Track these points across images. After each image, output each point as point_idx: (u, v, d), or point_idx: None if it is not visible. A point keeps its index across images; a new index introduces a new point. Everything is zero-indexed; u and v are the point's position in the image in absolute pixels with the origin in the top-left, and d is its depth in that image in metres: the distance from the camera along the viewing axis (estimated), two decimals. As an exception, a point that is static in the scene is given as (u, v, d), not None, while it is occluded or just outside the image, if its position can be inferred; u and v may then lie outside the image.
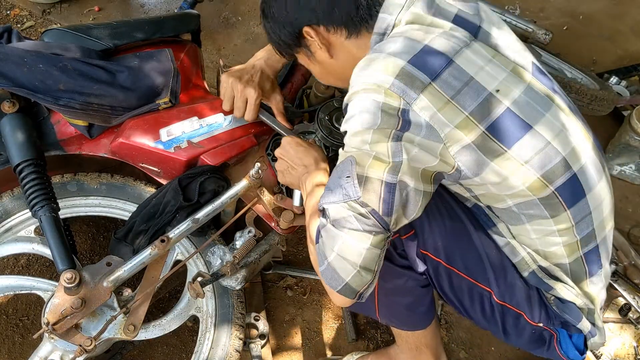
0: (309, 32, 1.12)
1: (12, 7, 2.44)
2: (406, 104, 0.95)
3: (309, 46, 1.16)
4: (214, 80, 1.80)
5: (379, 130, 0.97)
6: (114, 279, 1.35)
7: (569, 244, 1.10)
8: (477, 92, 0.97)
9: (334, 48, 1.14)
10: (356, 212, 0.99)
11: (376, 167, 0.99)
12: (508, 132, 0.98)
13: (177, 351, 1.67)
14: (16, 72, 1.31)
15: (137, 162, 1.47)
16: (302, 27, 1.12)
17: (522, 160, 0.99)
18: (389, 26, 1.08)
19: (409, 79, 0.95)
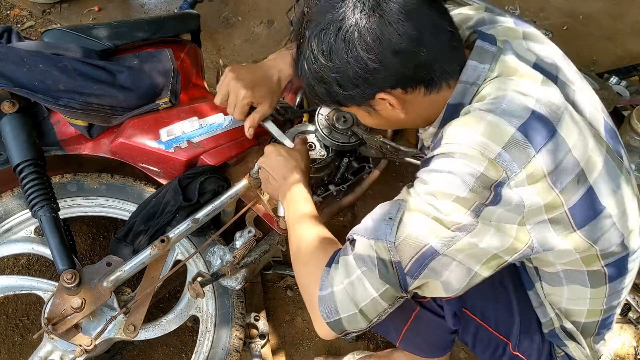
0: (383, 97, 0.97)
1: (12, 7, 2.44)
2: (505, 178, 0.87)
3: (375, 106, 1.01)
4: (214, 80, 1.80)
5: (462, 199, 0.88)
6: (114, 279, 1.35)
7: (593, 310, 1.10)
8: (571, 169, 0.91)
9: (406, 105, 0.99)
10: (381, 255, 0.93)
11: (432, 228, 0.90)
12: (584, 213, 0.94)
13: (177, 351, 1.67)
14: (16, 72, 1.31)
15: (137, 162, 1.47)
16: (375, 94, 0.97)
17: (588, 239, 0.96)
18: (480, 76, 0.97)
19: (518, 150, 0.87)
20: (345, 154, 1.54)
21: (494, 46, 0.98)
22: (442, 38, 0.94)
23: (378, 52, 0.91)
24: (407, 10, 0.91)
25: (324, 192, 1.55)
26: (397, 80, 0.95)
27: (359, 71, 0.93)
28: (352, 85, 0.95)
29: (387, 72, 0.93)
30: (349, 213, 1.96)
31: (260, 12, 2.52)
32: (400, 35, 0.90)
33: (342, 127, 1.49)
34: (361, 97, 0.98)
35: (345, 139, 1.49)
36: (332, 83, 0.96)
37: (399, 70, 0.93)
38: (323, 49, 0.94)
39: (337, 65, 0.94)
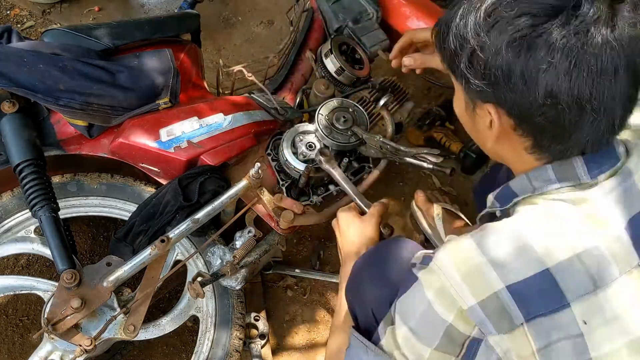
0: (491, 111, 0.82)
1: (12, 7, 2.44)
2: (479, 334, 0.76)
3: (477, 108, 0.85)
4: (214, 80, 1.80)
5: (437, 352, 0.80)
6: (114, 279, 1.35)
7: None
8: (573, 356, 0.73)
9: (503, 138, 0.85)
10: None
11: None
12: None
13: (177, 351, 1.67)
14: (16, 72, 1.30)
15: (137, 162, 1.47)
16: (490, 102, 0.81)
17: None
18: (541, 188, 0.81)
19: (497, 311, 0.73)
20: (345, 154, 1.54)
21: (591, 177, 0.79)
22: (604, 120, 0.76)
23: (535, 77, 0.74)
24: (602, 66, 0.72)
25: (324, 192, 1.55)
26: (520, 116, 0.79)
27: (500, 70, 0.76)
28: (480, 73, 0.79)
29: (523, 98, 0.76)
30: (349, 213, 1.96)
31: (260, 12, 2.52)
32: (570, 83, 0.73)
33: (342, 127, 1.50)
34: (476, 92, 0.82)
35: (345, 139, 1.49)
36: (467, 50, 0.79)
37: (534, 109, 0.76)
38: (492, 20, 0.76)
39: (489, 43, 0.76)
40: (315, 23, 1.76)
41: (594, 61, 0.72)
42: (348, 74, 1.61)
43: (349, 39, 1.68)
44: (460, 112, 0.93)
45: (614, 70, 0.73)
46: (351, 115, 1.52)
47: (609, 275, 0.74)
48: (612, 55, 0.72)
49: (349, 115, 1.51)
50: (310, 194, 1.55)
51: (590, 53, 0.72)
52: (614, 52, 0.72)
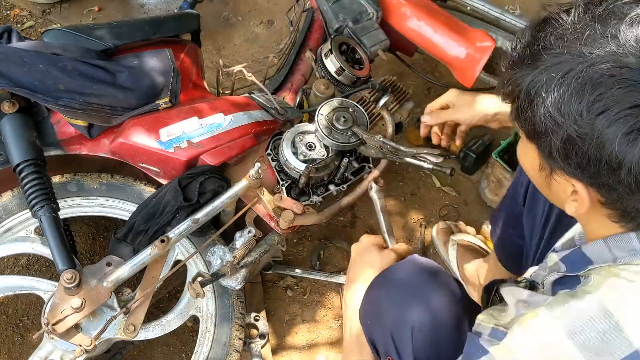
0: (578, 186, 0.73)
1: (12, 7, 2.44)
2: None
3: (553, 175, 0.76)
4: (214, 80, 1.80)
5: None
6: (114, 279, 1.35)
7: None
8: None
9: (589, 213, 0.76)
10: None
11: None
12: None
13: (177, 351, 1.67)
14: (16, 72, 1.30)
15: (137, 162, 1.47)
16: (574, 178, 0.73)
17: None
18: (624, 258, 0.73)
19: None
20: (345, 154, 1.54)
21: None
22: None
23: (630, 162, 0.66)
24: None
25: (324, 192, 1.55)
26: (609, 195, 0.71)
27: (593, 151, 0.67)
28: (574, 164, 0.70)
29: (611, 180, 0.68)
30: (349, 213, 1.96)
31: (260, 12, 2.52)
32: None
33: (342, 127, 1.50)
34: (555, 163, 0.74)
35: (345, 139, 1.49)
36: (565, 130, 0.69)
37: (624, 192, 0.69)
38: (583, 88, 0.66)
39: (603, 135, 0.66)
40: (315, 23, 1.76)
41: None
42: (348, 74, 1.61)
43: (349, 39, 1.68)
44: (531, 169, 0.82)
45: None
46: (351, 115, 1.52)
47: None
48: None
49: (349, 115, 1.51)
50: (310, 194, 1.55)
51: None
52: None
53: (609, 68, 0.65)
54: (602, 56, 0.66)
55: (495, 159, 1.83)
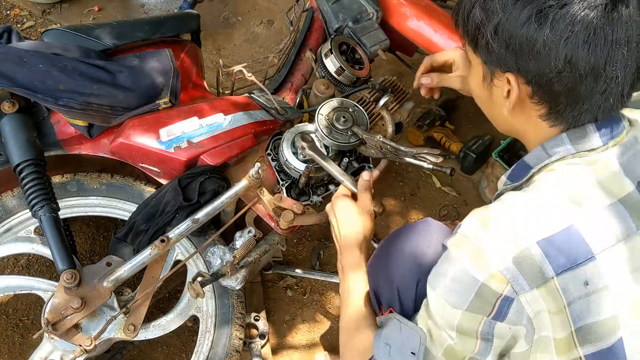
0: (510, 79, 0.87)
1: (12, 7, 2.44)
2: (512, 292, 0.77)
3: (494, 78, 0.90)
4: (214, 80, 1.80)
5: (468, 312, 0.81)
6: (114, 279, 1.35)
7: None
8: (599, 308, 0.77)
9: (518, 108, 0.90)
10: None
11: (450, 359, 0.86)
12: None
13: (177, 351, 1.67)
14: (16, 72, 1.30)
15: (137, 162, 1.47)
16: (509, 71, 0.86)
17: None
18: (558, 154, 0.86)
19: (530, 267, 0.76)
20: (345, 154, 1.54)
21: (602, 143, 0.84)
22: (615, 89, 0.82)
23: (555, 43, 0.79)
24: (626, 36, 0.79)
25: (324, 192, 1.55)
26: (539, 82, 0.83)
27: (525, 40, 0.81)
28: (504, 43, 0.84)
29: (542, 65, 0.81)
30: (349, 213, 1.96)
31: (260, 12, 2.52)
32: (589, 51, 0.78)
33: (342, 127, 1.49)
34: (497, 60, 0.86)
35: (345, 139, 1.49)
36: (492, 20, 0.84)
37: (552, 75, 0.81)
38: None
39: (515, 15, 0.82)
40: (315, 23, 1.76)
41: (610, 32, 0.78)
42: (348, 74, 1.61)
43: (349, 39, 1.68)
44: (477, 86, 0.97)
45: (627, 41, 0.79)
46: (351, 115, 1.52)
47: (629, 228, 0.78)
48: (626, 28, 0.79)
49: (349, 115, 1.51)
50: (310, 194, 1.55)
51: (607, 25, 0.78)
52: (627, 25, 0.79)
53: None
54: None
55: (495, 159, 1.83)
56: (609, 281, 0.77)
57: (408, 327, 0.92)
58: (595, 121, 0.85)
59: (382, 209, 1.26)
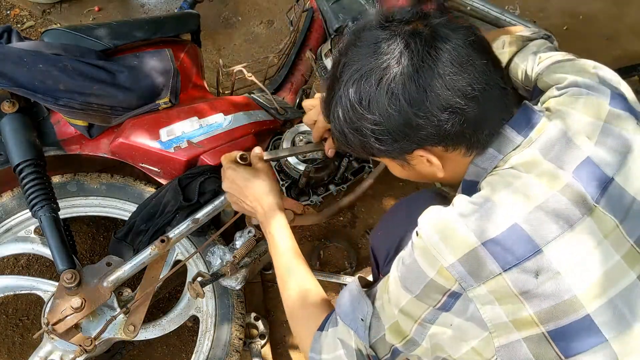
0: (421, 154, 0.91)
1: (12, 7, 2.44)
2: (460, 288, 0.81)
3: (410, 160, 0.94)
4: (214, 80, 1.80)
5: (416, 300, 0.85)
6: (114, 279, 1.35)
7: None
8: (556, 294, 0.79)
9: (445, 163, 0.93)
10: (359, 347, 0.94)
11: (393, 335, 0.90)
12: (574, 341, 0.80)
13: (177, 351, 1.67)
14: (16, 72, 1.30)
15: (137, 162, 1.47)
16: (414, 150, 0.90)
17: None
18: (490, 165, 0.90)
19: (476, 265, 0.80)
20: (345, 153, 1.54)
21: (522, 136, 0.88)
22: (493, 94, 0.87)
23: (423, 106, 0.84)
24: (459, 62, 0.84)
25: (324, 192, 1.55)
26: (440, 138, 0.87)
27: (400, 126, 0.86)
28: (390, 140, 0.88)
29: (432, 128, 0.86)
30: (349, 213, 1.96)
31: (260, 12, 2.52)
32: (449, 90, 0.83)
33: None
34: (398, 152, 0.91)
35: (345, 139, 1.48)
36: (368, 136, 0.89)
37: (444, 127, 0.85)
38: (362, 98, 0.87)
39: (376, 118, 0.87)
40: (315, 23, 1.76)
41: (452, 64, 0.83)
42: (348, 74, 1.61)
43: (349, 39, 1.68)
44: (403, 173, 1.01)
45: (467, 60, 0.84)
46: (351, 115, 1.52)
47: (571, 218, 0.81)
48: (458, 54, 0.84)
49: (349, 115, 1.51)
50: (310, 194, 1.55)
51: (447, 63, 0.84)
52: (456, 51, 0.84)
53: None
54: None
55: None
56: (560, 269, 0.79)
57: (361, 295, 0.96)
58: (506, 124, 0.89)
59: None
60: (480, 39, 0.89)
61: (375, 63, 0.86)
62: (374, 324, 0.93)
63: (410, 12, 0.89)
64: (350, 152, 0.99)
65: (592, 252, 0.81)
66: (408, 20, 0.88)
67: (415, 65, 0.83)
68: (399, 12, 0.89)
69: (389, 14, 0.89)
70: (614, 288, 0.81)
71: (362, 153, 0.97)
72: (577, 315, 0.80)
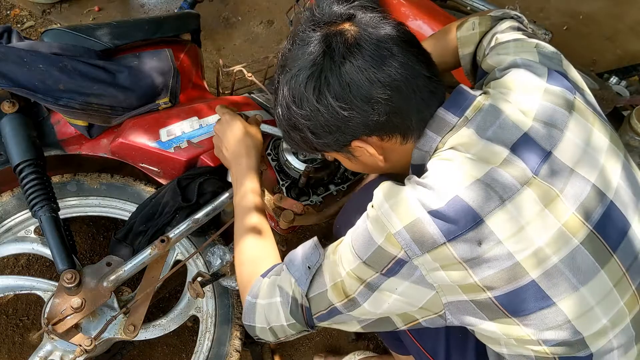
0: (358, 145, 0.96)
1: (12, 7, 2.44)
2: (405, 256, 0.86)
3: (353, 152, 1.00)
4: (214, 80, 1.80)
5: (364, 264, 0.89)
6: (114, 279, 1.35)
7: None
8: (499, 261, 0.83)
9: (386, 151, 0.98)
10: (295, 296, 0.98)
11: (335, 293, 0.94)
12: (521, 304, 0.85)
13: (177, 351, 1.67)
14: (16, 72, 1.31)
15: (137, 162, 1.47)
16: (350, 142, 0.96)
17: (528, 330, 0.87)
18: (432, 147, 0.95)
19: (420, 233, 0.84)
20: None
21: (457, 117, 0.92)
22: (418, 83, 0.92)
23: (348, 99, 0.89)
24: (379, 56, 0.89)
25: (324, 192, 1.55)
26: (371, 128, 0.93)
27: (330, 119, 0.92)
28: (325, 133, 0.95)
29: (359, 119, 0.91)
30: (349, 213, 1.96)
31: (260, 12, 2.52)
32: (371, 83, 0.88)
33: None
34: (336, 144, 0.97)
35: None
36: (305, 130, 0.96)
37: (371, 118, 0.91)
38: (294, 96, 0.93)
39: (307, 113, 0.93)
40: (315, 23, 1.76)
41: (372, 59, 0.89)
42: (348, 74, 1.61)
43: (349, 39, 1.68)
44: (353, 167, 1.07)
45: (389, 54, 0.90)
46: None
47: (511, 189, 0.85)
48: (379, 49, 0.90)
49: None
50: (310, 194, 1.55)
51: (368, 58, 0.89)
52: (377, 48, 0.90)
53: None
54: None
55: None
56: (502, 237, 0.83)
57: (315, 246, 1.01)
58: (440, 107, 0.94)
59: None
60: (404, 33, 0.94)
61: (303, 63, 0.92)
62: (317, 279, 0.96)
63: (338, 13, 0.94)
64: (298, 150, 1.07)
65: (534, 220, 0.84)
66: (334, 21, 0.93)
67: (337, 62, 0.89)
68: (328, 14, 0.95)
69: (318, 16, 0.95)
70: (557, 254, 0.84)
71: (307, 149, 1.03)
72: (523, 281, 0.84)
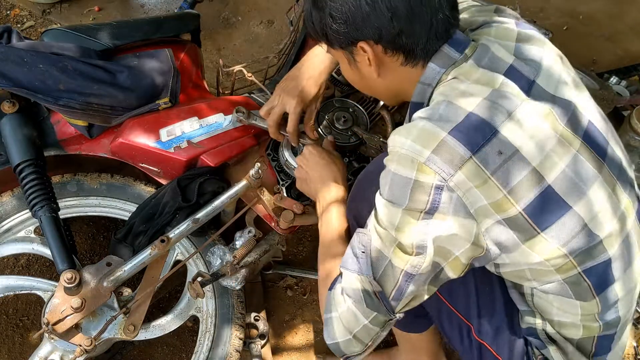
0: (364, 47, 1.01)
1: (12, 7, 2.44)
2: (442, 180, 0.89)
3: (355, 55, 1.05)
4: (214, 80, 1.80)
5: (407, 211, 0.92)
6: (114, 279, 1.35)
7: (588, 326, 1.04)
8: (519, 168, 0.90)
9: (384, 68, 1.04)
10: (365, 287, 0.99)
11: (399, 257, 0.95)
12: (545, 214, 0.92)
13: (177, 351, 1.67)
14: (16, 72, 1.31)
15: (137, 162, 1.47)
16: (358, 40, 1.00)
17: (556, 241, 0.93)
18: (435, 80, 1.01)
19: (448, 153, 0.88)
20: (345, 154, 1.54)
21: (459, 53, 1.00)
22: (437, 17, 0.98)
23: (375, 1, 0.95)
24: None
25: (324, 192, 1.55)
26: (381, 35, 0.98)
27: (352, 9, 0.97)
28: (342, 21, 0.99)
29: (376, 22, 0.97)
30: (349, 213, 1.96)
31: (260, 12, 2.52)
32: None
33: (342, 127, 1.50)
34: (346, 38, 1.01)
35: (345, 139, 1.49)
36: (326, 11, 1.00)
37: (386, 25, 0.96)
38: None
39: (340, 6, 0.98)
40: (315, 23, 1.76)
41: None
42: (348, 74, 1.61)
43: (349, 39, 1.68)
44: (349, 74, 1.12)
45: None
46: (351, 115, 1.52)
47: (513, 104, 0.93)
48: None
49: (349, 115, 1.52)
50: (310, 194, 1.55)
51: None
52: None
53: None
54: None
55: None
56: (517, 144, 0.90)
57: (357, 232, 1.02)
58: (445, 44, 1.00)
59: None
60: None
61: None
62: (376, 257, 0.97)
63: None
64: (312, 35, 1.09)
65: (538, 131, 0.92)
66: None
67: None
68: None
69: None
70: (562, 160, 0.92)
71: (319, 35, 1.07)
72: (541, 187, 0.91)
